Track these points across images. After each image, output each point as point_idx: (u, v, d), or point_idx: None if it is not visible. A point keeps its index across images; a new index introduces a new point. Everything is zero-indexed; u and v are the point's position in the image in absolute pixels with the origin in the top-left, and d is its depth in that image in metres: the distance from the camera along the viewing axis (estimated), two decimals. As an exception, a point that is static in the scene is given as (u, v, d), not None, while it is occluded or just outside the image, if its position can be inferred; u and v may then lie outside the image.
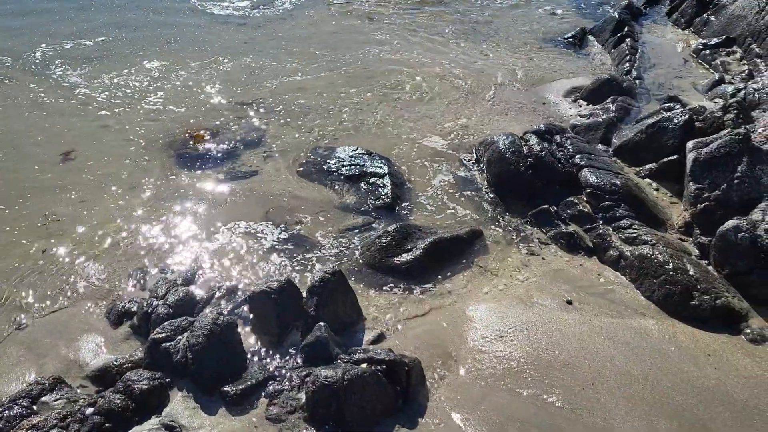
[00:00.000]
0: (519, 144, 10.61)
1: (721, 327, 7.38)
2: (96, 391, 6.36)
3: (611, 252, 8.64)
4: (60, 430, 5.71)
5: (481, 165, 10.74)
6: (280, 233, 8.79)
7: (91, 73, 13.07)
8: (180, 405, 6.15)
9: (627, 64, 14.52)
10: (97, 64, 13.48)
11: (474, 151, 11.17)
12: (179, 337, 6.58)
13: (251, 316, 7.30)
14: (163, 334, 6.61)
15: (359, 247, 8.68)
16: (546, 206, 9.48)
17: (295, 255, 8.40)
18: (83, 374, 6.60)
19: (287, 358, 6.83)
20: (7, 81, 12.52)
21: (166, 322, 6.82)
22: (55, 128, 11.01)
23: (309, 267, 8.20)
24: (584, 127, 11.83)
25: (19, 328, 7.14)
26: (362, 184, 10.12)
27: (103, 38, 14.25)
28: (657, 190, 9.98)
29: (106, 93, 12.29)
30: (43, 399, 6.12)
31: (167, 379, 6.36)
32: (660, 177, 10.24)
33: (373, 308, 7.54)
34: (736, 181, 8.89)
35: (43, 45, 13.93)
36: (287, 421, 6.02)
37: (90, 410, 5.91)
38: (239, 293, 7.72)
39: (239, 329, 6.94)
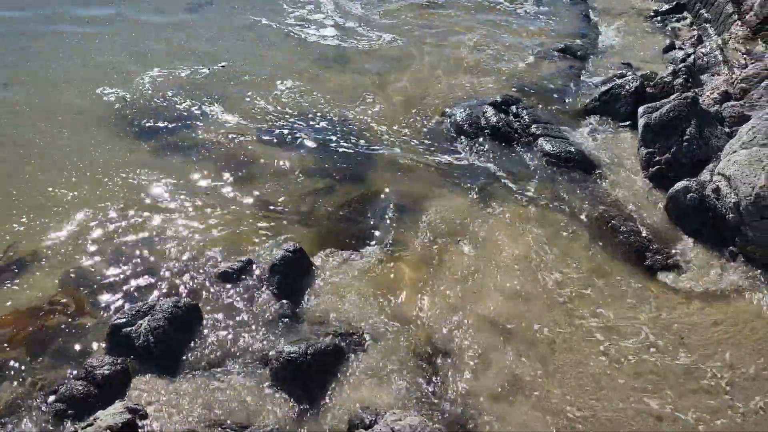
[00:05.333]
0: (477, 115, 10.72)
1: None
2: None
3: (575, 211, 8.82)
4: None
5: (444, 129, 10.72)
6: (243, 201, 8.73)
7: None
8: (144, 388, 6.15)
9: (583, 31, 14.70)
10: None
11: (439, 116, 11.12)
12: (140, 322, 6.55)
13: (214, 296, 7.28)
14: (124, 319, 6.58)
15: (321, 215, 8.62)
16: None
17: (257, 225, 8.34)
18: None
19: (251, 336, 6.84)
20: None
21: (126, 307, 6.78)
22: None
23: (272, 238, 8.14)
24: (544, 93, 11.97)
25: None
26: (325, 150, 10.06)
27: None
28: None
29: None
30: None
31: (130, 363, 6.34)
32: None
33: (334, 277, 7.56)
34: (685, 144, 9.13)
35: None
36: (252, 398, 6.08)
37: (52, 398, 5.88)
38: (202, 273, 7.67)
39: (202, 310, 6.94)
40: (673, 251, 8.05)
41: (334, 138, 10.28)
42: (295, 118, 10.78)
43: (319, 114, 10.91)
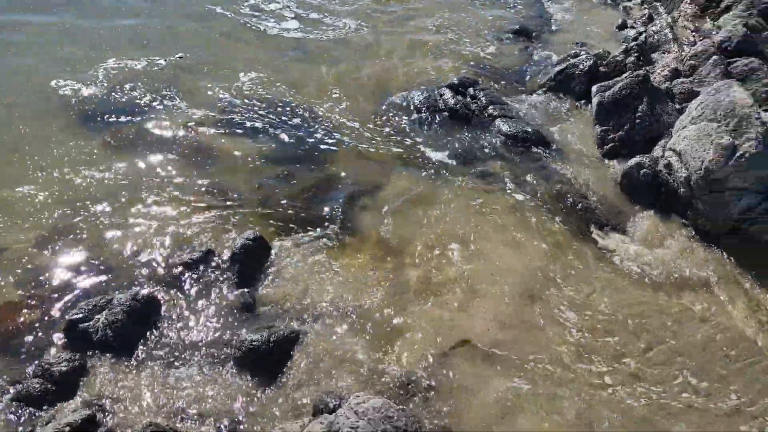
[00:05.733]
0: (435, 97, 10.77)
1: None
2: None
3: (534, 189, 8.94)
4: (-23, 421, 5.55)
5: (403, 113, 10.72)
6: (200, 189, 8.60)
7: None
8: (104, 382, 6.05)
9: (538, 11, 14.84)
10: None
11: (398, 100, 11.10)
12: (97, 316, 6.43)
13: (174, 287, 7.18)
14: (80, 315, 6.45)
15: (280, 202, 8.54)
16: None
17: (216, 214, 8.21)
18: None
19: (213, 325, 6.79)
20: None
21: (82, 302, 6.65)
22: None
23: (231, 226, 8.04)
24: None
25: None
26: (282, 134, 9.97)
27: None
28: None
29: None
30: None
31: (88, 359, 6.22)
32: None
33: (294, 263, 7.52)
34: (638, 121, 9.33)
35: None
36: (216, 388, 6.05)
37: (8, 397, 5.75)
38: (161, 265, 7.54)
39: (161, 302, 6.85)
40: (628, 227, 8.24)
41: (294, 127, 10.16)
42: (257, 109, 10.59)
43: (280, 104, 10.74)
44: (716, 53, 9.96)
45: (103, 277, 7.24)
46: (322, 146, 9.72)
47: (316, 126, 10.19)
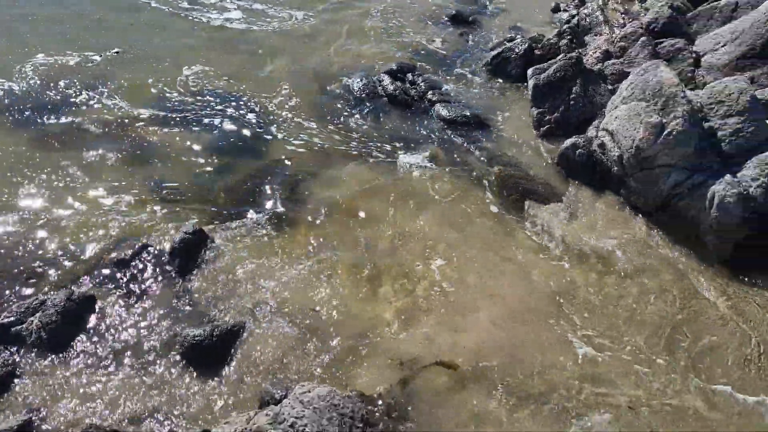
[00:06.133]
0: (374, 84, 10.76)
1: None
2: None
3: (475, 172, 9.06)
4: None
5: (342, 100, 10.68)
6: (139, 183, 8.35)
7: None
8: (40, 386, 5.85)
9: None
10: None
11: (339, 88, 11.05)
12: (30, 319, 6.21)
13: (111, 285, 6.99)
14: (12, 318, 6.21)
15: (221, 193, 8.41)
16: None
17: (156, 208, 7.98)
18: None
19: (153, 321, 6.64)
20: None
21: (14, 305, 6.39)
22: None
23: (170, 219, 7.84)
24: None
25: None
26: (224, 127, 9.77)
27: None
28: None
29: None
30: None
31: (22, 362, 6.00)
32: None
33: (234, 253, 7.41)
34: (572, 103, 9.55)
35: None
36: (158, 386, 5.93)
37: (-64, 408, 5.51)
38: (97, 263, 7.31)
39: (98, 301, 6.66)
40: (562, 205, 8.44)
41: (237, 119, 9.99)
42: (200, 102, 10.35)
43: (223, 97, 10.52)
44: (644, 35, 10.28)
45: (36, 278, 6.97)
46: (265, 137, 9.60)
47: (260, 117, 10.05)
